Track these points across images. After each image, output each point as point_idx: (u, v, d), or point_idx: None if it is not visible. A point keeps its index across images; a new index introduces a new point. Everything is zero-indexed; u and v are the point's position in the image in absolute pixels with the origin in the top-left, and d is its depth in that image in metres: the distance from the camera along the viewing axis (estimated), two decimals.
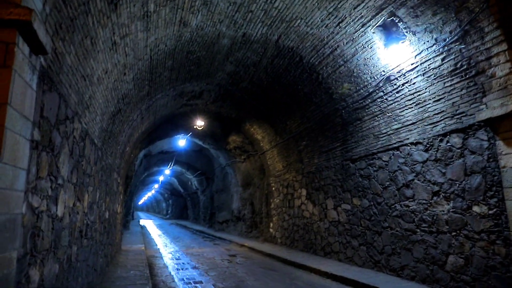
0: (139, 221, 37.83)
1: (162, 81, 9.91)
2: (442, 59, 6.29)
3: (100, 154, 7.13)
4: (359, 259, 9.08)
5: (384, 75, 7.60)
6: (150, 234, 22.82)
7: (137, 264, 9.59)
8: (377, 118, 8.26)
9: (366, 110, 8.53)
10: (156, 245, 16.59)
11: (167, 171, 29.74)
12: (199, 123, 15.42)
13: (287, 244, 13.62)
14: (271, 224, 15.37)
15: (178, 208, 48.81)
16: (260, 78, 10.87)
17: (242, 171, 18.61)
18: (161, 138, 17.55)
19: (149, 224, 36.42)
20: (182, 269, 10.00)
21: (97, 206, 7.02)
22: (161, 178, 37.24)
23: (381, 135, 8.27)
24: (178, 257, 12.56)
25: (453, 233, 6.34)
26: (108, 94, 6.24)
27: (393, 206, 7.89)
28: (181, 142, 19.65)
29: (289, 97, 11.07)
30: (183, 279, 8.59)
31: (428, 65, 6.58)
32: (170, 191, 48.38)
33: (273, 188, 15.27)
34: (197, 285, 7.97)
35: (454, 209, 6.35)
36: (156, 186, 46.50)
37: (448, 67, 6.26)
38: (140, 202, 79.84)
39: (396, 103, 7.59)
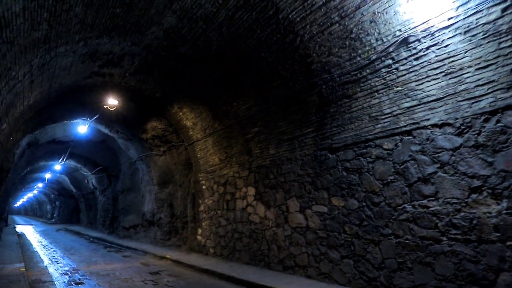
0: (15, 227, 31.13)
1: (70, 23, 6.62)
2: (503, 10, 4.57)
3: None
4: (341, 275, 7.04)
5: (400, 35, 5.69)
6: (32, 245, 18.00)
7: None
8: (378, 94, 6.33)
9: (361, 85, 6.56)
10: (43, 261, 12.52)
11: (58, 167, 24.58)
12: (112, 102, 11.96)
13: (224, 255, 11.08)
14: (200, 231, 12.65)
15: (67, 210, 42.27)
16: (209, 40, 8.21)
17: (159, 167, 15.46)
18: (56, 121, 13.50)
19: (29, 231, 30.13)
20: None
21: None
22: (47, 175, 31.19)
23: (382, 116, 6.37)
24: (79, 279, 9.11)
25: (508, 243, 4.64)
26: None
27: (400, 208, 6.02)
28: (82, 129, 15.66)
29: (244, 69, 8.62)
30: None
31: (477, 19, 4.82)
32: (58, 191, 41.59)
33: (204, 187, 12.59)
34: None
35: (508, 211, 4.66)
36: (40, 185, 39.41)
37: (510, 20, 4.55)
38: (17, 204, 68.58)
39: (413, 74, 5.74)
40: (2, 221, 19.44)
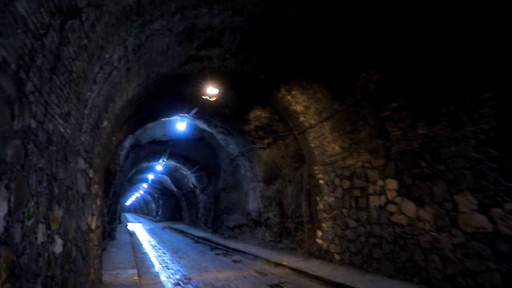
0: (126, 226, 32.86)
1: None
2: None
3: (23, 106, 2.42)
4: None
5: None
6: (142, 245, 17.99)
7: None
8: None
9: None
10: (153, 265, 11.83)
11: (159, 167, 24.87)
12: (211, 91, 10.68)
13: (356, 264, 9.04)
14: (319, 233, 10.78)
15: (170, 209, 44.03)
16: None
17: (264, 161, 13.96)
18: (156, 118, 12.76)
19: (139, 229, 31.52)
20: None
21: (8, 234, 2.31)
22: (150, 176, 32.30)
23: None
24: None
25: None
26: None
27: None
28: (180, 126, 14.89)
29: (374, 22, 6.45)
30: None
31: None
32: (160, 191, 43.45)
33: (321, 182, 10.68)
34: None
35: None
36: (144, 185, 41.52)
37: None
38: (127, 203, 74.61)
39: None
40: (115, 221, 19.97)
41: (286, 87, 10.10)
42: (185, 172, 25.96)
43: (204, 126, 15.73)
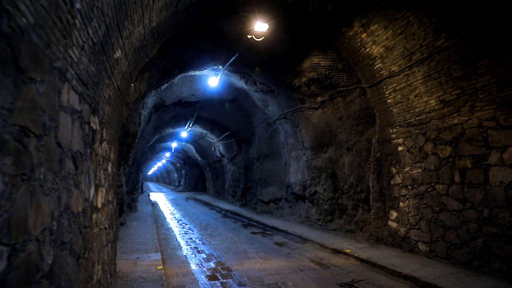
0: (149, 195, 31.37)
1: None
2: None
3: None
4: None
5: None
6: (165, 219, 16.08)
7: None
8: None
9: None
10: (180, 247, 9.76)
11: (184, 134, 22.73)
12: (260, 27, 8.13)
13: (459, 259, 6.60)
14: (394, 214, 8.35)
15: (192, 179, 42.51)
16: None
17: (313, 124, 11.47)
18: (184, 69, 10.35)
19: (161, 199, 29.93)
20: None
21: None
22: (174, 144, 30.39)
23: None
24: None
25: None
26: None
27: None
28: (212, 82, 12.46)
29: None
30: None
31: None
32: (183, 160, 41.86)
33: (401, 148, 8.14)
34: None
35: None
36: (167, 154, 39.90)
37: None
38: (150, 173, 74.22)
39: None
40: (136, 191, 18.16)
41: (362, 20, 7.44)
42: (211, 140, 23.79)
43: (240, 83, 13.26)
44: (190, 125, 20.41)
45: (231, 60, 9.83)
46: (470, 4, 5.54)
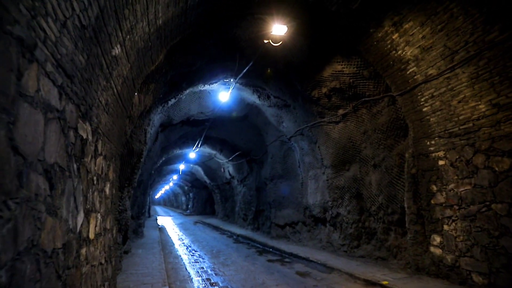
0: (156, 219, 30.27)
1: None
2: None
3: None
4: None
5: None
6: (173, 245, 14.98)
7: None
8: None
9: None
10: (191, 278, 8.68)
11: (192, 155, 21.85)
12: (277, 30, 7.31)
13: None
14: (437, 238, 7.23)
15: (200, 202, 41.37)
16: None
17: (334, 140, 10.51)
18: (193, 81, 9.57)
19: (169, 223, 28.78)
20: None
21: None
22: (181, 166, 29.46)
23: None
24: None
25: None
26: None
27: None
28: (223, 97, 11.65)
29: None
30: None
31: None
32: (191, 183, 40.84)
33: (442, 162, 7.11)
34: None
35: None
36: (175, 177, 38.97)
37: None
38: (157, 196, 73.23)
39: None
40: (143, 215, 17.15)
41: (394, 17, 6.59)
42: (221, 161, 22.86)
43: (252, 97, 12.42)
44: (199, 146, 19.54)
45: (245, 69, 9.00)
46: None
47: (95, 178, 3.79)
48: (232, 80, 10.91)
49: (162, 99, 9.42)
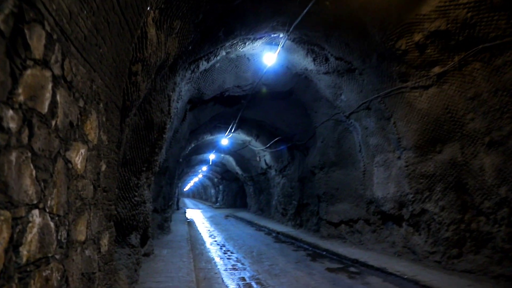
0: (185, 212, 28.33)
1: None
2: None
3: None
4: None
5: None
6: (204, 244, 12.67)
7: None
8: None
9: None
10: None
11: (224, 141, 19.51)
12: None
13: None
14: None
15: (230, 195, 39.28)
16: None
17: (418, 112, 7.76)
18: (233, 29, 7.09)
19: (198, 216, 26.69)
20: None
21: None
22: (212, 156, 27.26)
23: None
24: None
25: None
26: None
27: None
28: (268, 59, 9.17)
29: None
30: None
31: None
32: (221, 174, 38.80)
33: None
34: None
35: None
36: (204, 168, 37.02)
37: None
38: (186, 189, 72.26)
39: None
40: (170, 208, 15.04)
41: None
42: (256, 148, 20.42)
43: (304, 62, 9.83)
44: (232, 130, 17.13)
45: (307, 8, 6.37)
46: None
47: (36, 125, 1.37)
48: (281, 35, 8.36)
49: (192, 53, 7.01)
